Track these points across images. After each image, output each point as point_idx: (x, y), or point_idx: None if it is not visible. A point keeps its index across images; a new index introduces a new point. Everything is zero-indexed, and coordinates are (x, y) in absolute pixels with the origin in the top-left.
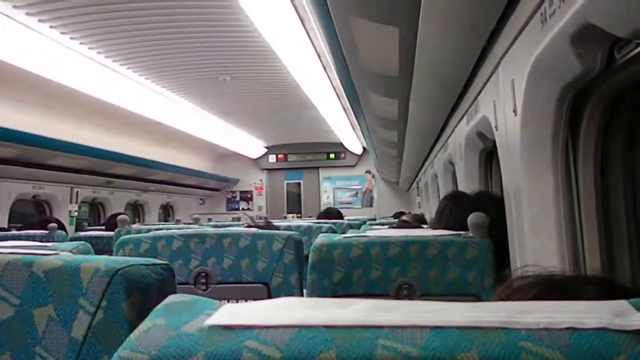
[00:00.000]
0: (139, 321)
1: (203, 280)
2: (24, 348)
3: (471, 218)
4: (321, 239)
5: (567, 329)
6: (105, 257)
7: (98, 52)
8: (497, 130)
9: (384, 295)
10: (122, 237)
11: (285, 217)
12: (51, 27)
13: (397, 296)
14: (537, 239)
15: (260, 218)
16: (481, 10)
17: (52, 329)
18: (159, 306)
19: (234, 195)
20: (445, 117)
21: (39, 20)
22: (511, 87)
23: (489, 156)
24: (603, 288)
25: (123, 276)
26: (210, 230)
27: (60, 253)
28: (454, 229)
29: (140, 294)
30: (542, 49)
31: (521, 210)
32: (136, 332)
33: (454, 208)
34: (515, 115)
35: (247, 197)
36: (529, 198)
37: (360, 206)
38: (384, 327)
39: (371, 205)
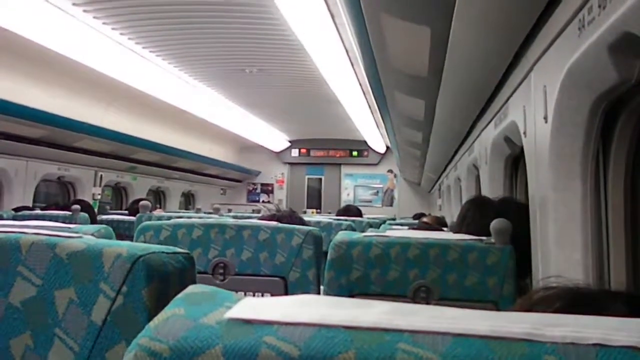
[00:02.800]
0: (158, 309)
1: (221, 271)
2: (44, 328)
3: (494, 224)
4: (341, 236)
5: (595, 345)
6: (127, 242)
7: (129, 38)
8: (525, 136)
9: (401, 296)
10: (143, 223)
11: (305, 212)
12: (85, 11)
13: (414, 298)
14: (561, 250)
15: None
16: (517, 14)
17: (72, 312)
18: (179, 295)
19: (255, 187)
20: (473, 121)
21: (73, 4)
22: (543, 93)
23: (514, 162)
24: (630, 304)
25: (145, 263)
26: (231, 221)
27: (83, 236)
28: (476, 234)
29: (161, 281)
30: (577, 57)
31: (546, 220)
32: (155, 320)
33: (477, 213)
34: (546, 122)
35: (267, 189)
36: (555, 208)
37: (380, 205)
38: (404, 331)
39: (391, 205)
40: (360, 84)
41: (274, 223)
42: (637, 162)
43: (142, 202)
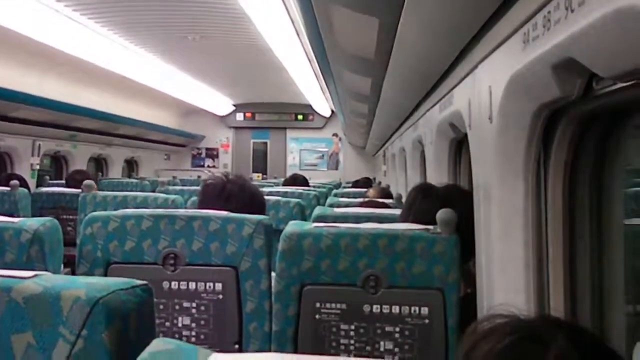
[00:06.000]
0: (119, 350)
1: (172, 262)
2: None
3: (440, 214)
4: (291, 227)
5: None
6: (85, 281)
7: (65, 5)
8: (470, 129)
9: (351, 285)
10: (90, 215)
11: (252, 179)
12: None
13: (364, 287)
14: (504, 244)
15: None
16: (463, 16)
17: (30, 356)
18: (144, 354)
19: (200, 151)
20: (418, 101)
21: None
22: (488, 93)
23: (458, 144)
24: (572, 335)
25: (104, 305)
26: (181, 211)
27: (38, 274)
28: (422, 222)
29: (121, 322)
30: (521, 68)
31: (490, 215)
32: None
33: (423, 201)
34: (491, 122)
35: (212, 154)
36: (499, 204)
37: (325, 169)
38: None
39: (337, 169)
40: (305, 53)
41: (224, 213)
42: (575, 164)
43: (86, 182)
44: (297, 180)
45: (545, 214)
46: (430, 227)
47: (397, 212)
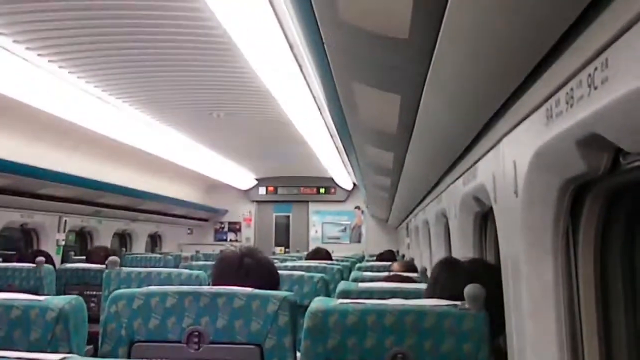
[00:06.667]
0: None
1: (196, 339)
2: None
3: (468, 290)
4: (316, 304)
5: None
6: None
7: (95, 86)
8: (496, 203)
9: None
10: (115, 293)
11: (274, 252)
12: (50, 61)
13: None
14: (536, 322)
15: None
16: (485, 91)
17: None
18: None
19: (222, 226)
20: (441, 174)
21: (38, 55)
22: (513, 167)
23: (484, 217)
24: None
25: None
26: (205, 288)
27: (66, 357)
28: (449, 298)
29: None
30: (546, 142)
31: (520, 291)
32: None
33: (448, 277)
34: (517, 196)
35: (235, 228)
36: (528, 281)
37: (348, 242)
38: None
39: (359, 241)
40: (327, 128)
41: (248, 290)
42: (605, 239)
43: (110, 258)
44: (320, 253)
45: (577, 289)
46: (458, 302)
47: (423, 286)
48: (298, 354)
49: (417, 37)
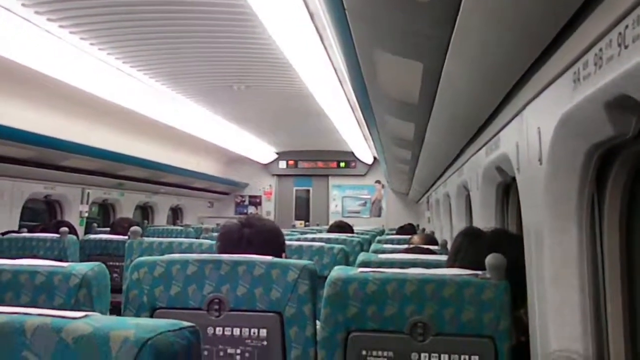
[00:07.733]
0: None
1: (216, 307)
2: None
3: (489, 259)
4: (337, 272)
5: None
6: (134, 322)
7: (116, 58)
8: (519, 172)
9: (398, 332)
10: (136, 260)
11: (294, 226)
12: (71, 32)
13: (411, 334)
14: (557, 290)
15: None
16: (510, 58)
17: None
18: None
19: (243, 199)
20: (463, 145)
21: (60, 26)
22: (537, 135)
23: (506, 188)
24: None
25: (152, 346)
26: (225, 256)
27: (89, 314)
28: (470, 267)
29: None
30: (572, 107)
31: (542, 260)
32: None
33: (470, 246)
34: (541, 164)
35: (255, 201)
36: (551, 249)
37: (368, 216)
38: None
39: (379, 216)
40: (348, 100)
41: (269, 258)
42: (631, 207)
43: (132, 228)
44: (341, 227)
45: (601, 259)
46: (479, 272)
47: (443, 257)
48: (318, 323)
49: (439, 1)
